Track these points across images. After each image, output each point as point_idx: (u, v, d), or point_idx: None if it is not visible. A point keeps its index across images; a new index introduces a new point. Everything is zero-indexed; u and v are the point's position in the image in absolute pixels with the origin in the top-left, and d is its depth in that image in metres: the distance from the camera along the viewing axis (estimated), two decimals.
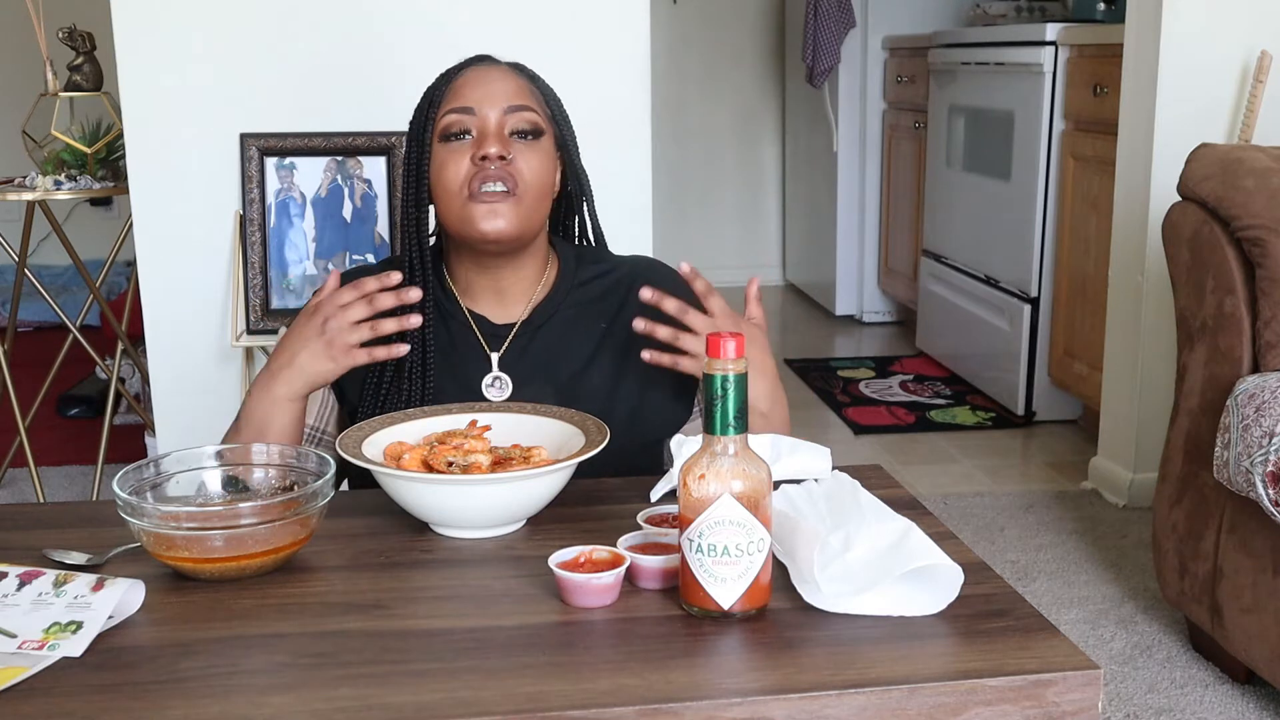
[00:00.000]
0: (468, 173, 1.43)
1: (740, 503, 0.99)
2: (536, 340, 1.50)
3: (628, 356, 1.51)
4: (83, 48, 2.86)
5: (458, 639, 0.99)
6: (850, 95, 4.84)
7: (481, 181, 1.42)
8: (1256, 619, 1.94)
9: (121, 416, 3.37)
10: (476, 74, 1.48)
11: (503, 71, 1.49)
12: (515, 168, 1.43)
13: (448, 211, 1.46)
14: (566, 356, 1.50)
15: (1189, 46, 2.72)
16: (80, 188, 2.78)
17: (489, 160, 1.42)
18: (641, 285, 1.49)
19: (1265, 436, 1.81)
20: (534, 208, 1.46)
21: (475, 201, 1.42)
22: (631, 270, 1.57)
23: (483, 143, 1.43)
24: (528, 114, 1.46)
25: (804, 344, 4.72)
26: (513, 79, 1.48)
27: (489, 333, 1.51)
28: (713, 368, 0.99)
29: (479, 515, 1.19)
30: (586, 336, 1.51)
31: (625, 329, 1.51)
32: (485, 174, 1.42)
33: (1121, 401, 2.95)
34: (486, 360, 1.49)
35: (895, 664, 0.94)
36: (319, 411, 1.51)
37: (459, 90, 1.47)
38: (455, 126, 1.45)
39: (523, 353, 1.50)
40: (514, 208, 1.43)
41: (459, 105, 1.45)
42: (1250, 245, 2.00)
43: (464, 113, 1.45)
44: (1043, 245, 3.52)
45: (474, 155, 1.43)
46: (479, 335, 1.50)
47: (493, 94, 1.45)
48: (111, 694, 0.91)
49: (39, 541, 1.19)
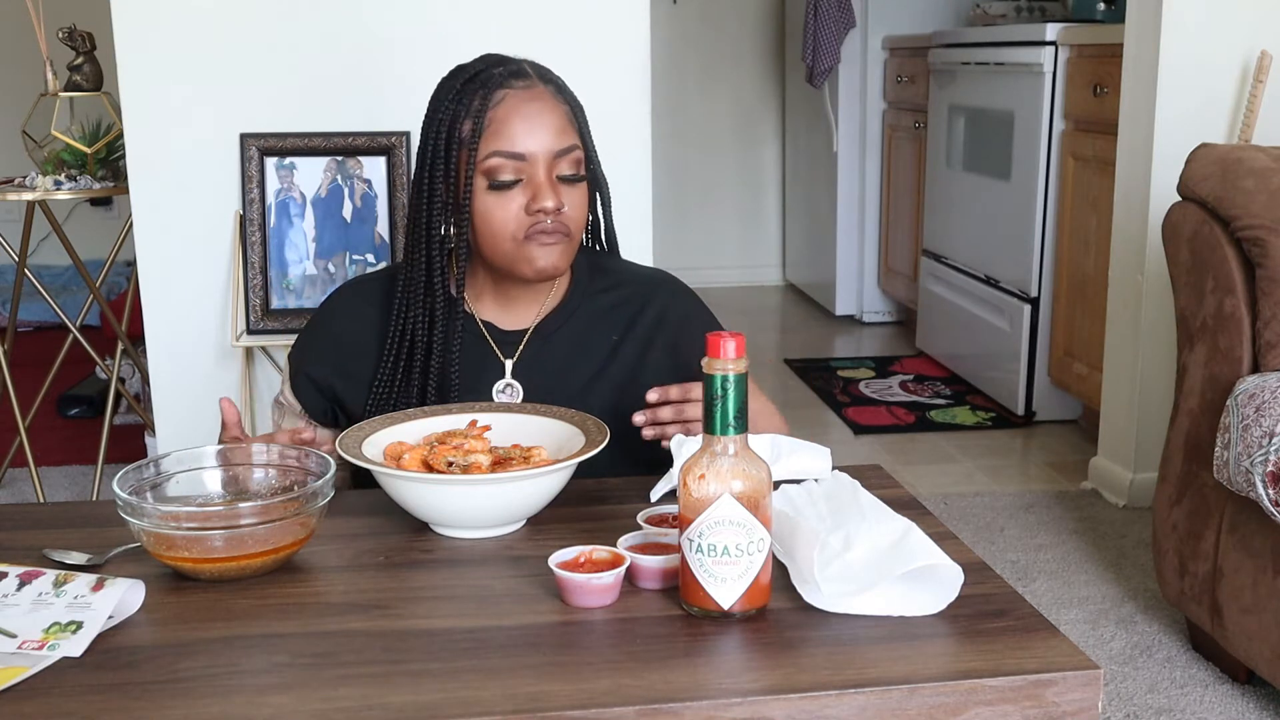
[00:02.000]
0: (520, 222, 1.40)
1: (740, 503, 0.99)
2: (548, 347, 1.50)
3: (638, 370, 1.50)
4: (83, 48, 2.86)
5: (458, 639, 0.99)
6: (850, 95, 4.84)
7: (538, 232, 1.40)
8: (1256, 619, 1.94)
9: (121, 416, 3.37)
10: (521, 105, 1.41)
11: (546, 101, 1.43)
12: (567, 215, 1.42)
13: (496, 252, 1.43)
14: (577, 366, 1.49)
15: (1189, 47, 2.72)
16: (80, 188, 2.78)
17: (545, 213, 1.40)
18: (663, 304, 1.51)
19: (1265, 436, 1.81)
20: (578, 240, 1.47)
21: (533, 244, 1.41)
22: (648, 286, 1.56)
23: (537, 194, 1.39)
24: (575, 154, 1.43)
25: (804, 344, 4.72)
26: (556, 109, 1.43)
27: (500, 339, 1.50)
28: (712, 368, 0.99)
29: (479, 515, 1.19)
30: (598, 347, 1.51)
31: (636, 343, 1.51)
32: (542, 226, 1.40)
33: (1121, 401, 2.95)
34: (499, 367, 1.49)
35: (895, 664, 0.94)
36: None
37: (503, 126, 1.40)
38: (504, 171, 1.40)
39: (534, 360, 1.49)
40: (566, 248, 1.43)
41: (508, 149, 1.39)
42: (1250, 245, 2.00)
43: (513, 158, 1.40)
44: (1043, 245, 3.52)
45: (528, 206, 1.40)
46: (491, 343, 1.49)
47: (541, 136, 1.40)
48: (111, 694, 0.91)
49: (39, 541, 1.19)
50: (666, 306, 1.55)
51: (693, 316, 1.56)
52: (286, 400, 1.54)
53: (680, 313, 1.56)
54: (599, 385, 1.49)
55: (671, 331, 1.53)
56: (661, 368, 1.51)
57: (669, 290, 1.57)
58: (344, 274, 2.45)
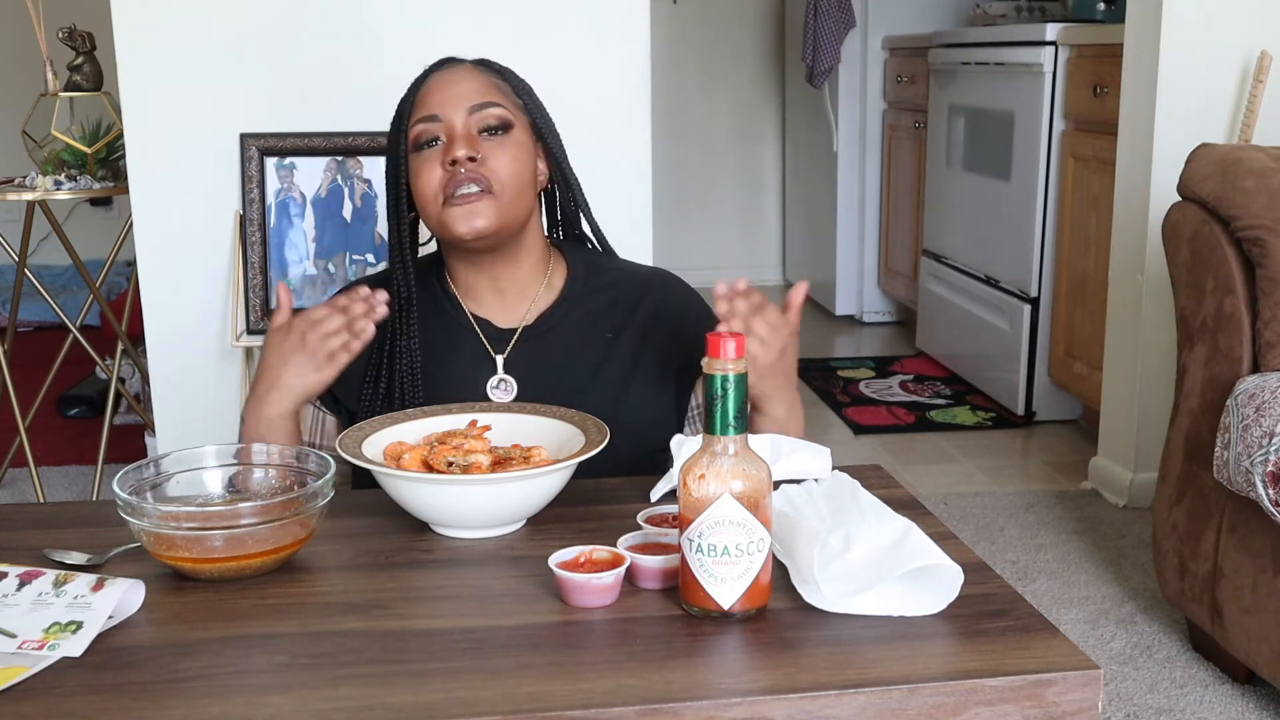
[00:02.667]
0: (441, 179, 1.44)
1: (740, 503, 0.99)
2: (542, 345, 1.50)
3: (634, 368, 1.51)
4: (83, 48, 2.86)
5: (458, 639, 0.99)
6: (850, 95, 4.84)
7: (455, 186, 1.43)
8: (1256, 619, 1.94)
9: (121, 416, 3.37)
10: (439, 79, 1.49)
11: (464, 71, 1.49)
12: (487, 167, 1.44)
13: (428, 219, 1.47)
14: (572, 363, 1.50)
15: (1189, 47, 2.72)
16: (80, 188, 2.77)
17: (459, 164, 1.43)
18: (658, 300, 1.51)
19: (1265, 436, 1.81)
20: (513, 202, 1.46)
21: (450, 205, 1.43)
22: (644, 283, 1.57)
23: (450, 147, 1.44)
24: (494, 110, 1.47)
25: (804, 344, 4.66)
26: (476, 77, 1.49)
27: (492, 336, 1.50)
28: (712, 368, 0.99)
29: (479, 515, 1.19)
30: (593, 344, 1.51)
31: (632, 339, 1.52)
32: (457, 178, 1.43)
33: (1121, 401, 2.95)
34: (491, 363, 1.49)
35: (895, 664, 0.94)
36: (310, 427, 1.51)
37: (424, 99, 1.48)
38: (424, 135, 1.46)
39: (527, 356, 1.50)
40: (492, 205, 1.44)
41: (425, 114, 1.46)
42: (1250, 245, 2.00)
43: (430, 121, 1.46)
44: (1043, 245, 3.52)
45: (443, 161, 1.44)
46: (482, 338, 1.50)
47: (455, 96, 1.46)
48: (111, 694, 0.91)
49: (39, 541, 1.19)
50: (662, 301, 1.55)
51: (690, 308, 1.56)
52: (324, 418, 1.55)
53: (678, 305, 1.56)
54: (594, 383, 1.49)
55: (670, 325, 1.53)
56: (659, 362, 1.51)
57: (665, 285, 1.57)
58: (344, 274, 2.45)
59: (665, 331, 1.53)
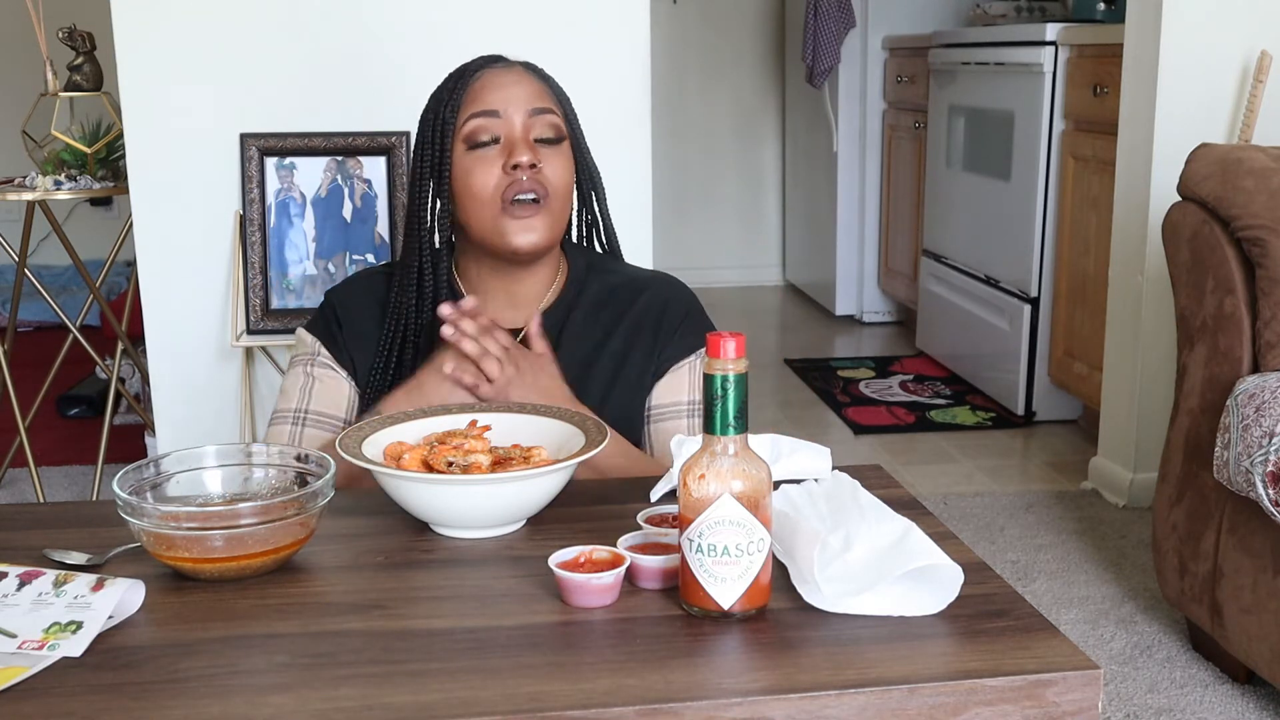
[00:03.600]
0: (499, 182, 1.42)
1: (740, 503, 0.99)
2: None
3: (620, 370, 1.51)
4: (83, 48, 2.86)
5: (458, 639, 0.99)
6: (850, 95, 4.84)
7: (516, 192, 1.41)
8: (1256, 619, 1.94)
9: (121, 416, 3.37)
10: (495, 76, 1.46)
11: (520, 73, 1.47)
12: (544, 176, 1.42)
13: (478, 220, 1.44)
14: (568, 360, 1.49)
15: (1189, 47, 2.72)
16: (80, 188, 2.78)
17: (520, 169, 1.41)
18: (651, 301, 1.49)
19: (1265, 436, 1.81)
20: (561, 214, 1.46)
21: (509, 216, 1.41)
22: (642, 284, 1.56)
23: (512, 150, 1.41)
24: (551, 117, 1.45)
25: (804, 344, 4.72)
26: (531, 80, 1.47)
27: None
28: (712, 368, 0.99)
29: (479, 515, 1.19)
30: (585, 347, 1.51)
31: (622, 337, 1.51)
32: (519, 185, 1.41)
33: (1121, 401, 2.95)
34: None
35: (895, 664, 0.94)
36: (300, 394, 1.50)
37: (479, 93, 1.44)
38: (482, 132, 1.43)
39: None
40: (545, 218, 1.43)
41: (483, 109, 1.43)
42: (1250, 245, 2.00)
43: (489, 116, 1.43)
44: (1043, 245, 3.52)
45: (505, 164, 1.41)
46: None
47: (515, 96, 1.44)
48: (111, 694, 0.91)
49: (39, 541, 1.19)
50: (656, 303, 1.54)
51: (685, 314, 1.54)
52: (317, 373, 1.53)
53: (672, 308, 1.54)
54: (585, 384, 1.49)
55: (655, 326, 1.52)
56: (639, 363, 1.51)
57: (663, 287, 1.56)
58: (344, 274, 2.45)
59: (650, 332, 1.52)
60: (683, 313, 1.54)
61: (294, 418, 1.48)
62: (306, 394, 1.50)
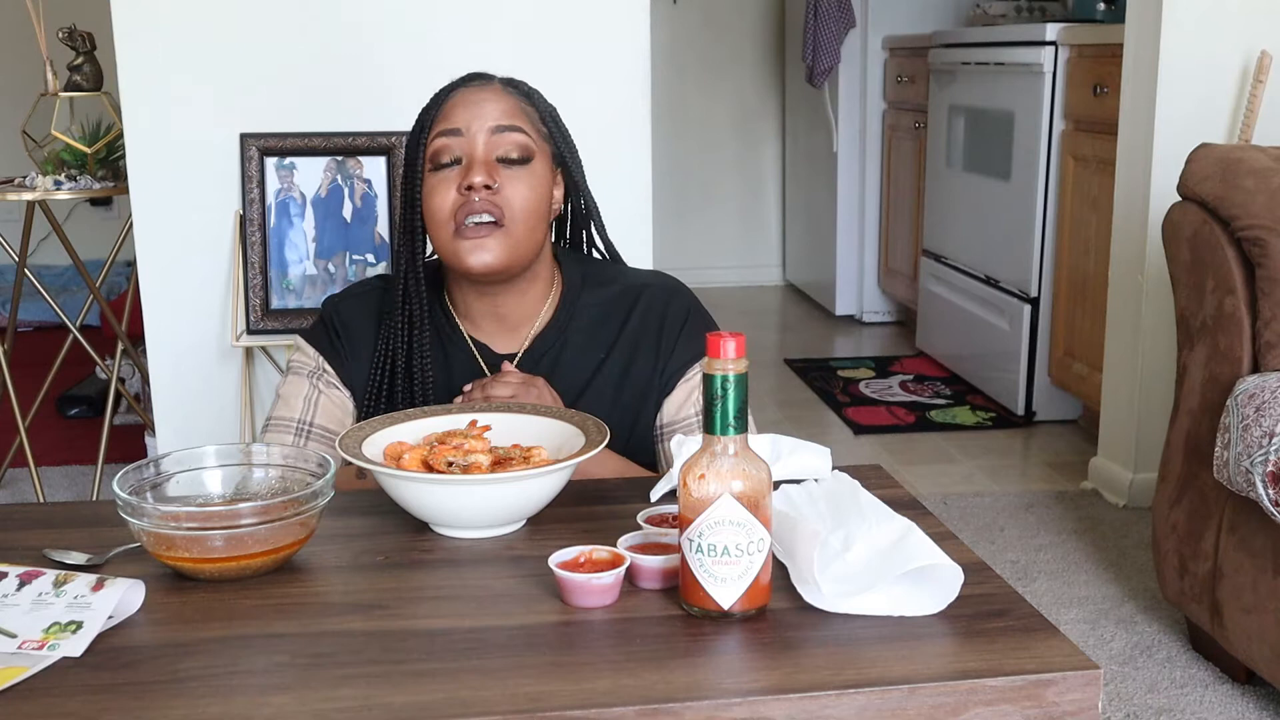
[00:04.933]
0: (454, 203, 1.41)
1: (740, 503, 0.99)
2: (537, 369, 1.48)
3: (622, 385, 1.49)
4: (83, 48, 2.86)
5: (458, 639, 0.99)
6: (850, 95, 4.84)
7: (467, 214, 1.40)
8: (1256, 619, 1.94)
9: (121, 416, 3.37)
10: (465, 94, 1.45)
11: (493, 90, 1.46)
12: (502, 197, 1.40)
13: (438, 242, 1.44)
14: (565, 384, 1.48)
15: (1189, 46, 2.72)
16: (80, 188, 2.77)
17: (474, 190, 1.39)
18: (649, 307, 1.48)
19: (1265, 436, 1.81)
20: (525, 237, 1.43)
21: (461, 237, 1.40)
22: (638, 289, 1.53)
23: (469, 171, 1.40)
24: (516, 135, 1.43)
25: (804, 344, 4.72)
26: (504, 98, 1.45)
27: (490, 361, 1.49)
28: (712, 368, 0.99)
29: (479, 515, 1.19)
30: (585, 365, 1.49)
31: (624, 349, 1.49)
32: (470, 206, 1.40)
33: (1121, 401, 2.95)
34: None
35: (895, 664, 0.94)
36: (304, 405, 1.49)
37: (449, 112, 1.44)
38: (444, 153, 1.42)
39: None
40: (501, 240, 1.41)
41: (447, 127, 1.43)
42: (1250, 245, 2.00)
43: (451, 135, 1.42)
44: (1043, 245, 3.52)
45: (460, 185, 1.40)
46: (481, 363, 1.48)
47: (481, 114, 1.43)
48: (111, 694, 0.91)
49: (39, 541, 1.19)
50: (651, 309, 1.51)
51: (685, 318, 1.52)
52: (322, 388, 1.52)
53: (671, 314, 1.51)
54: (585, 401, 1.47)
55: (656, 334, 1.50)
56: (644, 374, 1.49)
57: (660, 291, 1.53)
58: (344, 274, 2.45)
59: (651, 345, 1.50)
60: (683, 318, 1.51)
61: (298, 429, 1.48)
62: (311, 406, 1.49)
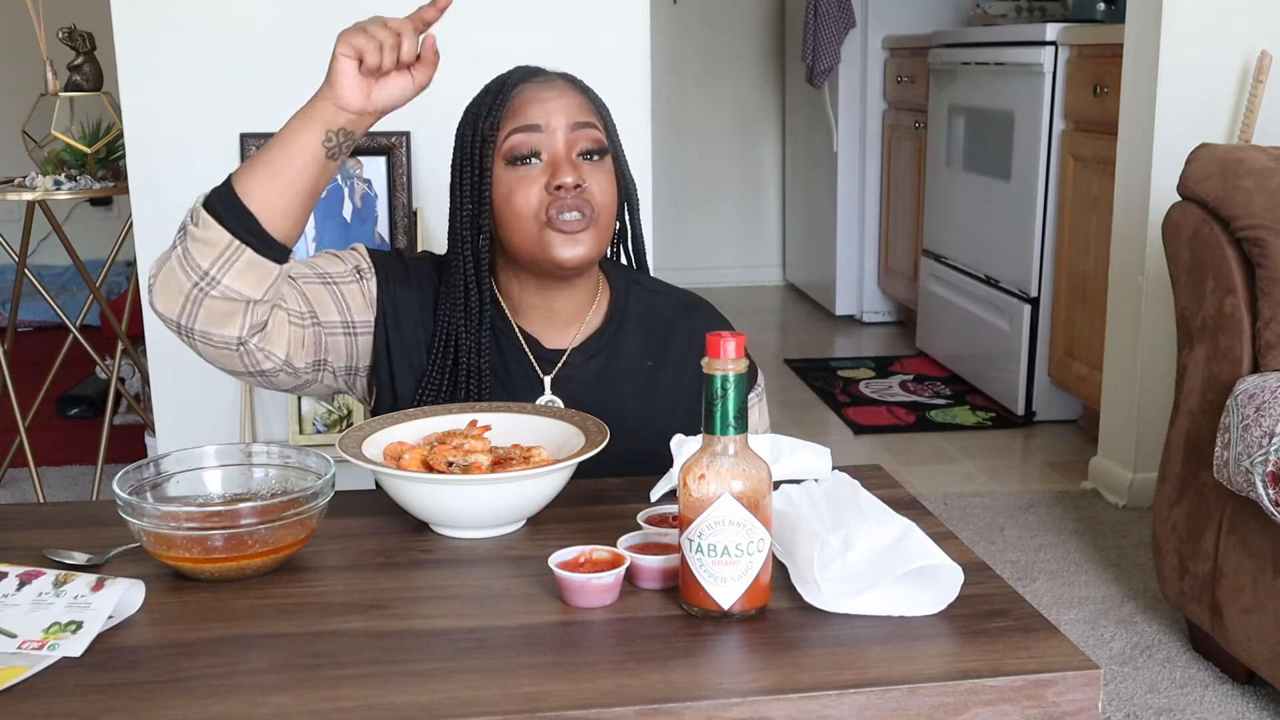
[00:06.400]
0: (542, 201, 1.39)
1: (740, 503, 0.99)
2: (588, 368, 1.48)
3: (672, 400, 1.49)
4: (83, 48, 2.86)
5: (458, 639, 0.99)
6: (850, 95, 4.84)
7: (559, 211, 1.38)
8: (1256, 619, 1.94)
9: (121, 416, 3.37)
10: (536, 89, 1.42)
11: (562, 85, 1.44)
12: (589, 193, 1.39)
13: (521, 237, 1.41)
14: (614, 390, 1.47)
15: (1189, 46, 2.72)
16: (80, 188, 2.78)
17: (565, 190, 1.38)
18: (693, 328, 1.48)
19: (1265, 436, 1.81)
20: (607, 230, 1.43)
21: (554, 229, 1.38)
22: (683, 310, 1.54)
23: (556, 170, 1.38)
24: (593, 131, 1.42)
25: (804, 344, 4.72)
26: (573, 93, 1.44)
27: (541, 356, 1.48)
28: (712, 368, 1.00)
29: (479, 515, 1.19)
30: (634, 373, 1.49)
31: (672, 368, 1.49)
32: (562, 204, 1.38)
33: (1121, 401, 2.95)
34: (538, 383, 1.47)
35: (895, 664, 0.94)
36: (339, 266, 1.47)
37: (520, 108, 1.41)
38: (523, 148, 1.39)
39: (572, 380, 1.47)
40: (593, 234, 1.40)
41: (524, 123, 1.40)
42: (1250, 245, 2.00)
43: (530, 131, 1.39)
44: (1043, 245, 3.52)
45: (548, 184, 1.39)
46: (531, 358, 1.48)
47: (557, 110, 1.40)
48: (111, 694, 0.91)
49: (39, 541, 1.19)
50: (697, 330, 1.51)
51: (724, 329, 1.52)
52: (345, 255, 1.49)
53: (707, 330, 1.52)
54: (636, 412, 1.46)
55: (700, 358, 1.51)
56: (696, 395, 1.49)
57: (699, 313, 1.54)
58: None
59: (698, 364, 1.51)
60: None
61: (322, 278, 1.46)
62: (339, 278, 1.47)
